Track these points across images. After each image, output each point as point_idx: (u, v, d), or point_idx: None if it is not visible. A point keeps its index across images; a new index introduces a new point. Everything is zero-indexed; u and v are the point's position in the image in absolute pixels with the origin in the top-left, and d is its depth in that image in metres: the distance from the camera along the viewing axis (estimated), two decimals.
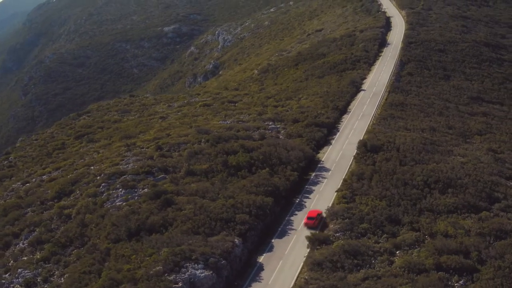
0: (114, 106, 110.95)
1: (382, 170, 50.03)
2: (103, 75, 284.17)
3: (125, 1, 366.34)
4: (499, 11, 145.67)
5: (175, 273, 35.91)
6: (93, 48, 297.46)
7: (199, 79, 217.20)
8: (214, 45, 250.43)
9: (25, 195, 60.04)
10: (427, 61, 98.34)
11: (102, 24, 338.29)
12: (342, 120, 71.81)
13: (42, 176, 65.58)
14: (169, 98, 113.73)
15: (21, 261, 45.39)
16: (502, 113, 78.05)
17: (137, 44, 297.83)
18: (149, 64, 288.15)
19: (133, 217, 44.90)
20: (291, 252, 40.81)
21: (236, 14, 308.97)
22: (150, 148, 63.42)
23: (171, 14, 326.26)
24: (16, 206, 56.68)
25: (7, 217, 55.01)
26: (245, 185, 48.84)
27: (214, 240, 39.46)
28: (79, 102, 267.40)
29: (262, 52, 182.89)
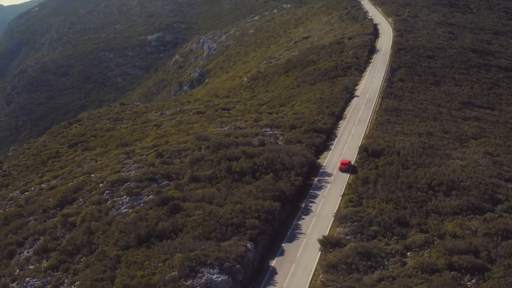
0: (105, 114, 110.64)
1: (386, 174, 50.78)
2: (87, 84, 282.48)
3: (108, 10, 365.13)
4: (482, 18, 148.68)
5: (191, 278, 35.98)
6: (76, 57, 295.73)
7: (185, 87, 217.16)
8: (199, 53, 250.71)
9: (25, 204, 59.56)
10: (417, 67, 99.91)
11: (85, 33, 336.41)
12: (339, 125, 72.55)
13: (41, 185, 65.12)
14: (160, 106, 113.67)
15: (28, 270, 45.01)
16: (493, 117, 79.59)
17: (121, 53, 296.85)
18: (133, 73, 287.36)
19: (141, 223, 44.82)
20: (303, 255, 41.15)
21: (220, 22, 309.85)
22: (151, 155, 63.34)
23: (155, 22, 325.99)
24: (18, 215, 56.19)
25: (9, 226, 54.49)
26: (251, 190, 49.11)
27: (227, 245, 39.62)
28: (63, 111, 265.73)
29: (248, 60, 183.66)
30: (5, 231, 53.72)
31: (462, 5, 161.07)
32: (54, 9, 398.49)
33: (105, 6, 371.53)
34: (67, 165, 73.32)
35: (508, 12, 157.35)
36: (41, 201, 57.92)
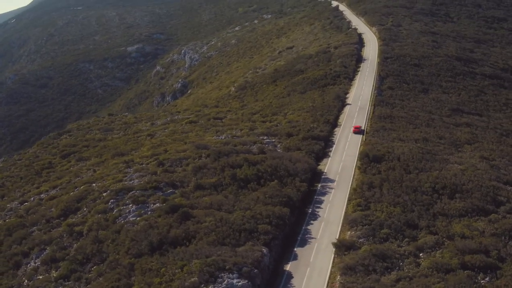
0: (94, 125, 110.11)
1: (390, 179, 51.78)
2: (67, 96, 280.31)
3: (86, 21, 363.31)
4: (463, 27, 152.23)
5: (211, 283, 36.19)
6: (55, 69, 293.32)
7: (167, 98, 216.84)
8: (180, 64, 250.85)
9: (26, 214, 58.99)
10: (405, 75, 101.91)
11: (64, 44, 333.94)
12: (335, 133, 73.59)
13: (40, 195, 64.57)
14: (150, 116, 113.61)
15: (37, 280, 44.62)
16: (483, 123, 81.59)
17: (101, 64, 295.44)
18: (113, 84, 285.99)
19: (152, 231, 44.84)
20: (316, 259, 41.69)
21: (200, 33, 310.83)
22: (151, 164, 63.34)
23: (134, 34, 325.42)
24: (20, 225, 55.63)
25: (12, 236, 53.88)
26: (258, 197, 49.57)
27: (242, 250, 39.96)
28: (43, 123, 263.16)
29: (232, 70, 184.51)
30: (9, 242, 53.12)
31: (442, 14, 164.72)
32: (32, 20, 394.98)
33: (83, 18, 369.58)
34: (64, 175, 72.80)
35: (487, 21, 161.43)
36: (43, 211, 57.41)
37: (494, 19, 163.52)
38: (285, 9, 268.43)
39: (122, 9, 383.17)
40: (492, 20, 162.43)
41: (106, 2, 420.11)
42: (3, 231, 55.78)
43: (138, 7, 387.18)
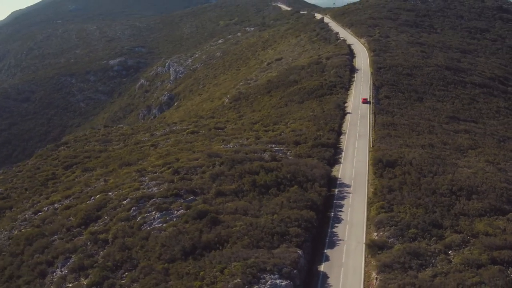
0: (91, 136, 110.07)
1: (407, 182, 53.43)
2: (49, 109, 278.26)
3: (66, 35, 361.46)
4: (448, 37, 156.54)
5: (255, 284, 36.99)
6: (37, 83, 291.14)
7: (154, 110, 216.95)
8: (165, 77, 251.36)
9: (43, 224, 58.88)
10: (399, 84, 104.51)
11: (44, 58, 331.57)
12: (341, 140, 75.17)
13: (53, 205, 64.42)
14: (147, 127, 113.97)
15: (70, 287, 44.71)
16: (480, 130, 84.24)
17: (83, 78, 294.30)
18: (96, 98, 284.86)
19: (183, 237, 45.44)
20: (348, 260, 42.87)
21: (182, 46, 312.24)
22: (165, 172, 63.86)
23: (116, 47, 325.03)
24: (40, 234, 55.48)
25: (33, 246, 53.70)
26: (282, 201, 50.62)
27: (278, 252, 40.89)
28: (26, 137, 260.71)
29: (220, 82, 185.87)
30: (30, 251, 52.93)
31: (426, 26, 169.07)
32: (10, 34, 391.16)
33: (63, 31, 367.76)
34: (73, 185, 72.79)
35: (470, 31, 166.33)
36: (61, 221, 57.37)
37: (477, 29, 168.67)
38: (267, 21, 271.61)
39: (102, 22, 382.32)
40: (475, 31, 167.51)
41: (85, 16, 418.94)
42: (22, 240, 55.58)
43: (118, 21, 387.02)
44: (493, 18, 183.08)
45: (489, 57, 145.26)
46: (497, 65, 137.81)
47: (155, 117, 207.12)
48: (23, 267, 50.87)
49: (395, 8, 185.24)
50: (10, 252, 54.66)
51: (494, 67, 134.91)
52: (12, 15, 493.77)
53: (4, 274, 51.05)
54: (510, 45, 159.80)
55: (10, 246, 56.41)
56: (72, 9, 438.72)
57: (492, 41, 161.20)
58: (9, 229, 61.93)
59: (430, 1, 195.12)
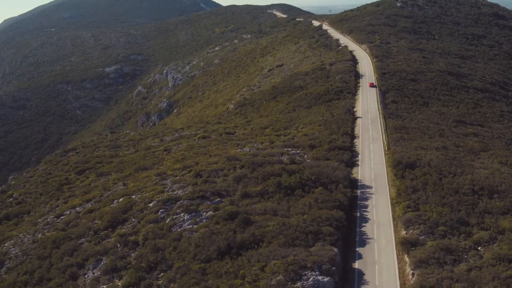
0: (99, 142, 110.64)
1: (429, 183, 54.73)
2: (45, 117, 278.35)
3: (61, 42, 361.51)
4: (446, 44, 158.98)
5: (297, 280, 37.96)
6: (33, 90, 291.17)
7: (153, 117, 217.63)
8: (163, 84, 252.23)
9: (66, 227, 59.48)
10: (404, 89, 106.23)
11: (39, 65, 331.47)
12: (356, 144, 76.45)
13: (75, 208, 65.02)
14: (154, 133, 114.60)
15: None
16: (487, 133, 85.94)
17: (79, 85, 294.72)
18: (92, 105, 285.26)
19: (217, 237, 46.31)
20: (380, 257, 44.02)
21: (177, 53, 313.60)
22: (187, 175, 64.70)
23: (111, 54, 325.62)
24: (66, 237, 56.08)
25: (60, 249, 54.25)
26: (310, 202, 51.71)
27: (315, 250, 41.90)
28: (23, 145, 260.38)
29: (220, 88, 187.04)
30: (58, 254, 53.46)
31: (424, 32, 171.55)
32: (4, 42, 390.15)
33: (58, 39, 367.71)
34: (91, 190, 73.48)
35: (468, 38, 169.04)
36: (86, 224, 57.98)
37: (474, 36, 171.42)
38: (263, 29, 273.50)
39: (96, 30, 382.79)
40: (472, 37, 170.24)
41: (79, 23, 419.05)
42: (49, 244, 56.12)
43: (112, 29, 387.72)
44: (489, 24, 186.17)
45: (487, 63, 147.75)
46: (496, 71, 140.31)
47: (155, 124, 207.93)
48: (52, 269, 51.34)
49: (393, 15, 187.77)
50: (37, 255, 55.15)
51: (493, 72, 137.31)
52: (5, 23, 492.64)
53: (33, 277, 51.50)
54: (507, 51, 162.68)
55: (36, 249, 56.87)
56: (66, 17, 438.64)
57: (490, 47, 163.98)
58: (32, 233, 62.39)
59: (427, 8, 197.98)
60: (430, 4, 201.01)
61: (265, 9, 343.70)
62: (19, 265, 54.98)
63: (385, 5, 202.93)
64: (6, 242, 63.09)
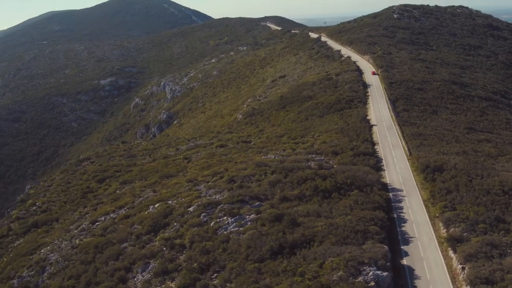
0: (113, 152, 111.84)
1: (460, 184, 57.07)
2: (41, 129, 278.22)
3: (54, 55, 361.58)
4: (445, 54, 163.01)
5: (358, 275, 39.77)
6: (28, 103, 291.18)
7: (153, 129, 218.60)
8: (160, 95, 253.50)
9: (104, 233, 60.63)
10: (413, 98, 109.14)
11: (33, 78, 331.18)
12: (377, 150, 78.70)
13: (109, 215, 66.25)
14: (167, 142, 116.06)
15: None
16: (498, 139, 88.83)
17: (74, 98, 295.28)
18: (88, 118, 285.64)
19: (266, 238, 47.97)
20: (426, 254, 46.08)
21: (172, 66, 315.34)
22: (220, 181, 66.33)
23: (105, 67, 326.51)
24: (109, 242, 57.26)
25: (104, 253, 55.38)
26: (350, 204, 53.69)
27: (368, 248, 43.78)
28: (19, 157, 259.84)
29: (222, 99, 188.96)
30: (103, 259, 54.49)
31: (422, 43, 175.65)
32: None
33: (51, 52, 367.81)
34: (119, 197, 74.82)
35: (465, 48, 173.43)
36: (125, 229, 59.25)
37: (470, 46, 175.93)
38: (259, 41, 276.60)
39: (89, 43, 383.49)
40: (469, 47, 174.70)
41: (71, 36, 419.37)
42: (91, 249, 57.23)
43: (105, 41, 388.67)
44: (484, 35, 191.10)
45: (485, 73, 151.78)
46: (495, 80, 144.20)
47: (155, 135, 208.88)
48: (99, 274, 52.23)
49: (391, 27, 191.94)
50: (80, 260, 56.12)
51: (493, 82, 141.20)
52: None
53: (79, 281, 52.37)
54: (503, 61, 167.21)
55: (77, 254, 57.88)
56: (57, 29, 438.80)
57: (486, 57, 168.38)
58: (68, 239, 63.46)
59: (423, 19, 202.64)
60: (426, 16, 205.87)
61: (259, 21, 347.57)
62: (62, 270, 55.89)
63: (382, 17, 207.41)
64: (42, 248, 64.18)
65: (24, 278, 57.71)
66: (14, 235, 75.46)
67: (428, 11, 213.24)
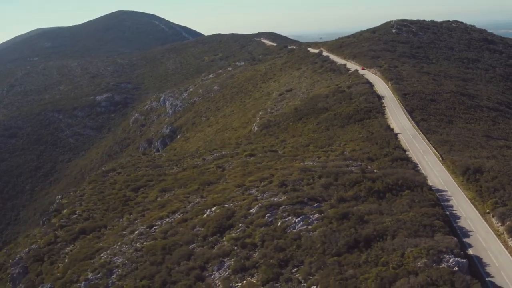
0: (137, 163, 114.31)
1: (505, 183, 61.43)
2: (38, 145, 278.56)
3: (47, 71, 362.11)
4: (445, 67, 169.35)
5: (441, 262, 43.43)
6: (24, 119, 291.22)
7: (156, 143, 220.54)
8: (161, 110, 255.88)
9: (166, 236, 63.37)
10: (427, 109, 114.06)
11: (27, 94, 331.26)
12: (409, 156, 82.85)
13: (164, 220, 69.04)
14: (191, 153, 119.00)
15: (240, 286, 49.27)
16: None
17: (70, 114, 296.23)
18: (85, 133, 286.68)
19: (339, 234, 51.44)
20: (488, 245, 50.01)
21: (168, 82, 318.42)
22: (270, 186, 69.69)
23: (101, 83, 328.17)
24: (176, 244, 60.02)
25: (173, 255, 58.10)
26: (408, 202, 57.53)
27: (440, 239, 47.51)
28: (16, 173, 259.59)
29: (228, 113, 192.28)
30: (173, 259, 57.02)
31: (422, 57, 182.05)
32: None
33: (44, 68, 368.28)
34: (165, 203, 77.71)
35: (463, 62, 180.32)
36: (187, 231, 62.15)
37: (469, 60, 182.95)
38: (256, 56, 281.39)
39: (82, 59, 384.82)
40: (467, 61, 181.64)
41: (62, 52, 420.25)
42: (158, 250, 59.92)
43: (98, 58, 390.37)
44: (480, 49, 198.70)
45: (486, 85, 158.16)
46: (496, 92, 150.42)
47: (158, 150, 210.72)
48: (173, 273, 54.70)
49: (390, 41, 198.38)
50: (150, 262, 58.73)
51: (494, 93, 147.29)
52: None
53: (154, 281, 54.82)
54: (501, 74, 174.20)
55: (143, 256, 60.44)
56: (47, 46, 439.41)
57: (485, 70, 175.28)
58: (128, 243, 66.05)
59: (421, 34, 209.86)
60: (423, 30, 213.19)
61: (252, 37, 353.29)
62: (132, 271, 58.32)
63: (381, 32, 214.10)
64: (101, 253, 66.60)
65: (92, 281, 59.86)
66: (63, 241, 77.56)
67: (425, 25, 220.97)
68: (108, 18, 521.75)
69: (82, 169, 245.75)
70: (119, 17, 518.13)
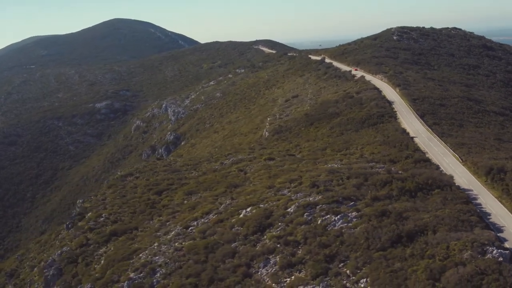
0: (154, 167, 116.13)
1: None
2: (38, 153, 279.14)
3: (45, 79, 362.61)
4: (447, 73, 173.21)
5: (485, 254, 46.15)
6: (23, 126, 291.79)
7: (160, 150, 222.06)
8: (163, 117, 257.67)
9: (204, 235, 65.58)
10: (437, 113, 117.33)
11: (25, 102, 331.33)
12: (430, 158, 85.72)
13: (199, 220, 71.23)
14: (206, 158, 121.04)
15: (290, 281, 51.26)
16: None
17: (70, 121, 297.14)
18: (85, 141, 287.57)
19: (381, 230, 54.01)
20: None
21: (167, 89, 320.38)
22: (301, 187, 72.21)
23: (99, 91, 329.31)
24: (218, 243, 62.26)
25: (216, 253, 60.28)
26: (441, 200, 60.30)
27: (479, 233, 50.26)
28: (16, 181, 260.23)
29: (233, 120, 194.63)
30: (217, 257, 59.22)
31: (424, 63, 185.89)
32: None
33: (41, 76, 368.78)
34: (195, 205, 79.88)
35: (464, 68, 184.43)
36: (226, 231, 64.42)
37: (469, 66, 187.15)
38: (256, 63, 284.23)
39: (79, 67, 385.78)
40: (468, 67, 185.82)
41: (59, 60, 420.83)
42: (201, 250, 62.02)
43: (95, 65, 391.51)
44: (480, 55, 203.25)
45: (489, 90, 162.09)
46: (499, 97, 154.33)
47: (162, 156, 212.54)
48: (219, 270, 56.87)
49: (392, 48, 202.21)
50: (193, 260, 60.83)
51: (497, 99, 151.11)
52: None
53: (201, 278, 56.70)
54: (501, 80, 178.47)
55: (186, 256, 62.47)
56: (44, 54, 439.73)
57: (486, 76, 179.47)
58: (167, 243, 68.13)
59: (422, 40, 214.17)
60: (423, 37, 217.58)
61: (250, 45, 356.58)
62: (176, 270, 60.33)
63: (382, 39, 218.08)
64: (139, 253, 68.61)
65: (135, 280, 61.76)
66: (95, 243, 79.38)
67: (425, 32, 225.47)
68: (105, 26, 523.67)
69: (84, 176, 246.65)
70: (115, 25, 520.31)
